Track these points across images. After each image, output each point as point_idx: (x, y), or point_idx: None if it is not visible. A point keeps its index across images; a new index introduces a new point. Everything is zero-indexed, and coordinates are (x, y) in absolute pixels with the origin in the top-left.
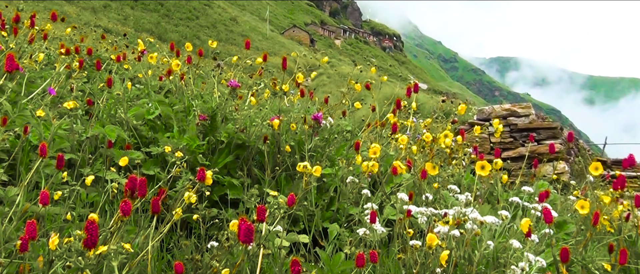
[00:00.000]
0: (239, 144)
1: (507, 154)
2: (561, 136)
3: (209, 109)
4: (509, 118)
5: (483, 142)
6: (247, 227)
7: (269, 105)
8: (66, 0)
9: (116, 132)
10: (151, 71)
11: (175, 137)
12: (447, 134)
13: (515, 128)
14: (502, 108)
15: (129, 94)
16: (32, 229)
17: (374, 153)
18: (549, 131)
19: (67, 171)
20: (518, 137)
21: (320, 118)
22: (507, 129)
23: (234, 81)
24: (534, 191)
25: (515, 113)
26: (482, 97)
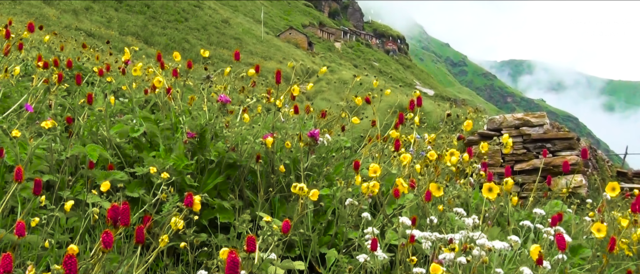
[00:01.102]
0: (230, 163)
1: (520, 166)
2: (578, 147)
3: (198, 126)
4: (521, 128)
5: (494, 154)
6: (232, 260)
7: (262, 121)
8: (45, 2)
9: (98, 152)
10: (136, 84)
11: (162, 157)
12: (453, 152)
13: (528, 139)
14: (514, 117)
15: (112, 109)
16: (7, 263)
17: (375, 173)
18: (564, 142)
19: (45, 193)
20: (531, 149)
21: (317, 135)
22: (519, 139)
23: (224, 95)
24: (546, 212)
25: (529, 123)
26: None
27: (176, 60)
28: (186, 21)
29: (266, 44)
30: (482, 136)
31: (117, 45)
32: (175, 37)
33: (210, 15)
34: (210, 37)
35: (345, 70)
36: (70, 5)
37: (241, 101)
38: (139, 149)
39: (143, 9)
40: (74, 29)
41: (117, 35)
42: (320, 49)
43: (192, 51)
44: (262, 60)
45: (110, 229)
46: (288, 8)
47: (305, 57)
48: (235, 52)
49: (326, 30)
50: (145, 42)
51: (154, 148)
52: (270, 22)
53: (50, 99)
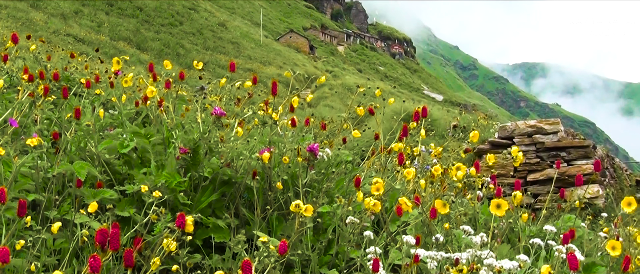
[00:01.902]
0: (225, 180)
1: (534, 176)
2: (594, 155)
3: (191, 141)
4: (534, 136)
5: (506, 164)
6: None
7: (258, 135)
8: (32, 6)
9: (86, 169)
10: (125, 96)
11: (153, 174)
12: (459, 166)
13: (542, 147)
14: (526, 125)
15: (101, 122)
16: None
17: (377, 190)
18: (580, 150)
19: (31, 213)
20: (545, 158)
21: (316, 149)
22: (532, 148)
23: (219, 107)
24: (559, 227)
25: (542, 130)
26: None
27: (167, 68)
28: (181, 25)
29: (265, 48)
30: (493, 144)
31: (108, 52)
32: (169, 42)
33: (206, 18)
34: (206, 42)
35: (349, 75)
36: (58, 9)
37: (237, 113)
38: (129, 165)
39: (135, 12)
40: (63, 35)
41: (108, 41)
42: (323, 52)
43: (187, 57)
44: (261, 65)
45: (98, 254)
46: (288, 10)
47: (307, 61)
48: (230, 64)
49: (328, 33)
50: (137, 47)
51: (145, 164)
52: (270, 25)
53: (36, 114)
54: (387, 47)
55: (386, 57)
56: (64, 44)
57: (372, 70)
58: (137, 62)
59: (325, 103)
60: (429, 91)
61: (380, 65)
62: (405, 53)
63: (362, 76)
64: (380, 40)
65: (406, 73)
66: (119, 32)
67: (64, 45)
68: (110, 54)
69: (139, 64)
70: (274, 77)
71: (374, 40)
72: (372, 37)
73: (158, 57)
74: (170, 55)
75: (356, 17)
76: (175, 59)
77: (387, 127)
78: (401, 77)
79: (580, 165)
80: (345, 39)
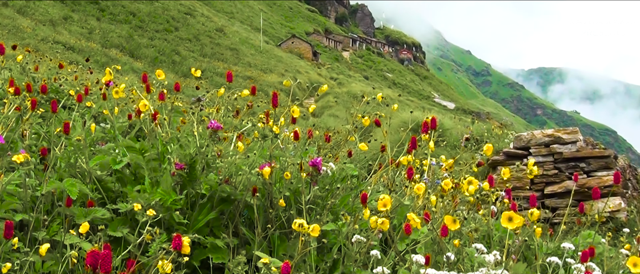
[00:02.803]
0: (224, 197)
1: (551, 189)
2: (615, 166)
3: (187, 156)
4: (552, 146)
5: (522, 176)
6: None
7: (258, 149)
8: (19, 13)
9: (77, 187)
10: (118, 109)
11: (147, 191)
12: (471, 180)
13: (560, 158)
14: (543, 134)
15: (92, 137)
16: None
17: (384, 206)
18: (600, 161)
19: (18, 234)
20: (564, 169)
21: (319, 164)
22: (550, 159)
23: (216, 121)
24: (578, 244)
25: (560, 140)
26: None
27: (160, 78)
28: (176, 31)
29: (266, 55)
30: (508, 155)
31: (99, 60)
32: (164, 49)
33: (203, 23)
34: (203, 49)
35: (355, 82)
36: (46, 15)
37: (235, 126)
38: (122, 182)
39: (128, 17)
40: (52, 42)
41: (100, 48)
42: (327, 59)
43: (183, 64)
44: (261, 73)
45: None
46: (290, 14)
47: (310, 68)
48: (227, 74)
49: (333, 38)
50: (130, 54)
51: (139, 181)
52: (270, 30)
53: (23, 129)
54: (395, 53)
55: (394, 63)
56: (52, 53)
57: (379, 77)
58: (130, 71)
59: (330, 112)
60: (440, 98)
61: (388, 71)
62: (415, 58)
63: (369, 84)
64: (388, 45)
65: (415, 80)
66: (111, 39)
67: (52, 53)
68: (101, 62)
69: (132, 72)
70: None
71: (381, 45)
72: (379, 42)
73: (152, 65)
74: (166, 63)
75: (362, 21)
76: (171, 67)
77: (395, 138)
78: (410, 84)
79: (601, 176)
80: (350, 44)
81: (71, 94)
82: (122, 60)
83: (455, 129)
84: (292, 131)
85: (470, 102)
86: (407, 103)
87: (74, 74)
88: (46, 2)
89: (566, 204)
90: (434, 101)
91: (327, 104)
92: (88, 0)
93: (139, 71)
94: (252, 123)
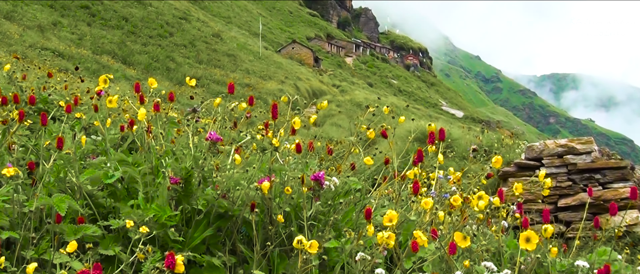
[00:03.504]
0: (221, 213)
1: (565, 202)
2: (632, 177)
3: (183, 170)
4: (565, 156)
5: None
6: None
7: (257, 162)
8: (6, 18)
9: (66, 203)
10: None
11: (141, 207)
12: (481, 195)
13: (573, 169)
14: (556, 144)
15: (83, 150)
16: None
17: (390, 221)
18: (616, 172)
19: (5, 253)
20: (578, 180)
21: (322, 178)
22: (563, 170)
23: (214, 132)
24: (593, 261)
25: (574, 150)
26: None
27: (152, 87)
28: (171, 36)
29: (265, 61)
30: (520, 166)
31: (90, 67)
32: (158, 55)
33: (199, 28)
34: (199, 55)
35: (359, 90)
36: (35, 21)
37: (233, 138)
38: (114, 197)
39: (120, 22)
40: (40, 49)
41: (90, 55)
42: (329, 65)
43: (178, 71)
44: (261, 80)
45: None
46: (290, 18)
47: (311, 75)
48: (229, 85)
49: (335, 44)
50: (123, 61)
51: (132, 196)
52: (270, 35)
53: (11, 142)
54: (401, 58)
55: (400, 70)
56: (41, 60)
57: (384, 84)
58: (122, 79)
59: (332, 121)
60: (447, 106)
61: (393, 78)
62: (421, 64)
63: (373, 91)
64: (393, 51)
65: (422, 87)
66: (103, 45)
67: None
68: (92, 69)
69: (125, 80)
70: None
71: (386, 51)
72: (384, 47)
73: (146, 73)
74: (160, 70)
75: (366, 25)
76: (165, 74)
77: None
78: (416, 91)
79: (617, 188)
80: (353, 49)
81: (61, 105)
82: (114, 68)
83: (463, 139)
84: (294, 143)
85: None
86: (414, 111)
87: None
88: (34, 6)
89: (581, 218)
90: (442, 109)
91: (330, 113)
92: (78, 5)
93: (132, 79)
94: (251, 135)
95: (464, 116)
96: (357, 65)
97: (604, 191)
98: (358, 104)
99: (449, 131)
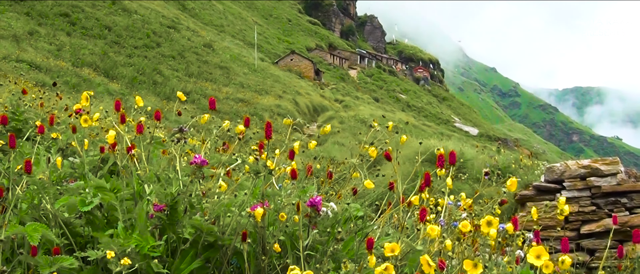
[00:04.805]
0: (210, 243)
1: (588, 228)
2: None
3: (168, 196)
4: (589, 179)
5: (555, 213)
6: None
7: (249, 187)
8: None
9: (40, 232)
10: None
11: (121, 236)
12: (491, 221)
13: (598, 192)
14: (578, 165)
15: (59, 173)
16: None
17: (392, 251)
18: None
19: None
20: (602, 205)
21: (318, 204)
22: (587, 194)
23: (200, 156)
24: None
25: (598, 171)
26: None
27: (139, 105)
28: (158, 47)
29: (261, 74)
30: (539, 189)
31: (69, 81)
32: (144, 67)
33: (189, 38)
34: (189, 67)
35: (364, 105)
36: (9, 30)
37: (223, 162)
38: (92, 226)
39: (102, 32)
40: (15, 61)
41: (70, 67)
42: (331, 78)
43: (166, 85)
44: (256, 95)
45: None
46: (288, 27)
47: (312, 89)
48: (210, 100)
49: (338, 55)
50: (105, 74)
51: (112, 225)
52: (266, 46)
53: None
54: (410, 71)
55: (408, 83)
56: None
57: (391, 98)
58: (105, 94)
59: (335, 140)
60: (461, 123)
61: (402, 92)
62: (432, 77)
63: (380, 106)
64: (401, 62)
65: (433, 102)
66: (83, 57)
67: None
68: (72, 83)
69: (108, 95)
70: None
71: (394, 62)
72: (391, 58)
73: (130, 87)
74: (146, 84)
75: (371, 34)
76: (152, 89)
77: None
78: (427, 107)
79: None
80: (358, 61)
81: (36, 125)
82: (96, 81)
83: (478, 160)
84: (290, 168)
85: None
86: (424, 129)
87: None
88: (9, 14)
89: (606, 246)
90: (455, 126)
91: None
92: (57, 13)
93: (116, 94)
94: (242, 159)
95: (479, 134)
96: (362, 79)
97: (631, 216)
98: (363, 121)
99: (461, 150)
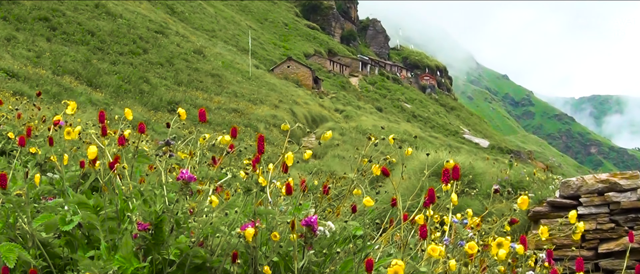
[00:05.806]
0: (197, 264)
1: (607, 246)
2: None
3: (153, 214)
4: (607, 194)
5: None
6: None
7: (240, 205)
8: None
9: (15, 253)
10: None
11: (103, 258)
12: (500, 242)
13: (617, 209)
14: (596, 179)
15: (37, 190)
16: None
17: (395, 273)
18: None
19: None
20: (622, 222)
21: (314, 223)
22: (605, 210)
23: (187, 171)
24: None
25: (617, 186)
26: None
27: (128, 118)
28: (145, 53)
29: (256, 82)
30: (554, 206)
31: (49, 90)
32: (130, 75)
33: (178, 44)
34: (178, 75)
35: (366, 115)
36: None
37: (211, 177)
38: (72, 247)
39: (85, 37)
40: None
41: (50, 76)
42: (331, 86)
43: (154, 94)
44: (250, 104)
45: None
46: (285, 32)
47: (310, 98)
48: (200, 112)
49: (338, 61)
50: (88, 83)
51: (93, 245)
52: (261, 52)
53: None
54: (415, 78)
55: (414, 91)
56: None
57: (395, 108)
58: (87, 104)
59: (335, 153)
60: (470, 134)
61: (407, 101)
62: (439, 85)
63: (383, 116)
64: (406, 69)
65: (440, 111)
66: (64, 64)
67: None
68: (52, 92)
69: (91, 105)
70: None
71: (398, 69)
72: (396, 65)
73: (115, 96)
74: (132, 94)
75: (374, 39)
76: (138, 98)
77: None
78: (434, 117)
79: None
80: (359, 68)
81: (9, 137)
82: (78, 90)
83: (488, 174)
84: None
85: (508, 138)
86: (431, 140)
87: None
88: None
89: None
90: (464, 137)
91: (332, 142)
92: (36, 17)
93: (99, 104)
94: (233, 174)
95: (490, 146)
96: (364, 87)
97: None
98: (365, 132)
99: (471, 164)
